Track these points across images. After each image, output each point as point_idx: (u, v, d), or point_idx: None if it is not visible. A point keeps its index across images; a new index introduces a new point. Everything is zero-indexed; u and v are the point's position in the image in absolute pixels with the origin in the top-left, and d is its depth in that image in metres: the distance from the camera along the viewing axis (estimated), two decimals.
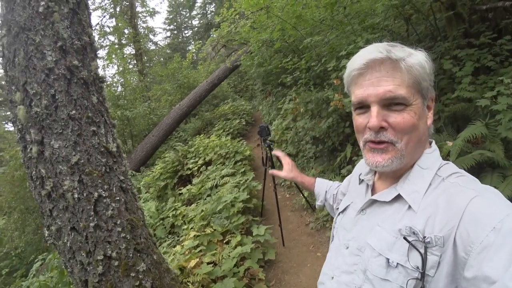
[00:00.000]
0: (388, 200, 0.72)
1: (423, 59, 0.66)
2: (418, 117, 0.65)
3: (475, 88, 2.43)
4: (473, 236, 0.55)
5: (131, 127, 9.61)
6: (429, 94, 0.69)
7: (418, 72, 0.65)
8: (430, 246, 0.60)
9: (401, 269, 0.63)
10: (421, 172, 0.69)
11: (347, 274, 0.76)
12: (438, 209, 0.62)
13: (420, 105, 0.66)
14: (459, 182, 0.64)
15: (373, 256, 0.69)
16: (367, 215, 0.76)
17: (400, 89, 0.64)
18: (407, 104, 0.64)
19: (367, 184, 0.83)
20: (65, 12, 1.81)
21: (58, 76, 1.73)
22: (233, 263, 2.78)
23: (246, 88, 13.79)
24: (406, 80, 0.64)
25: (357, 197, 0.84)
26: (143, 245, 2.04)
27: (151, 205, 5.20)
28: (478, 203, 0.58)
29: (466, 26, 3.00)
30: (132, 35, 14.84)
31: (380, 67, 0.65)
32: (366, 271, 0.69)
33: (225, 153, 6.00)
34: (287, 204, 4.66)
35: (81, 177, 1.76)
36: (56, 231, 1.85)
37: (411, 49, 0.69)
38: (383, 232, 0.69)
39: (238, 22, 5.80)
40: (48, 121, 1.71)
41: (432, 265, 0.60)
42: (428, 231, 0.61)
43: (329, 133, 3.98)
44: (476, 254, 0.54)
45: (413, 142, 0.67)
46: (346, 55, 3.44)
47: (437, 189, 0.66)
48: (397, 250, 0.65)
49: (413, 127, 0.65)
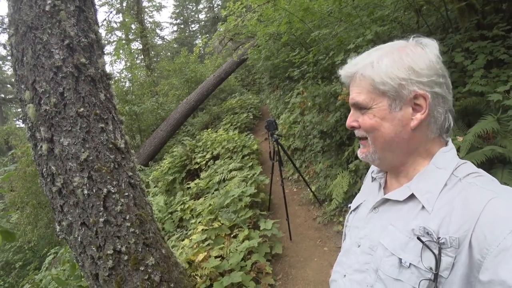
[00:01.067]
0: (402, 200, 0.71)
1: (386, 64, 0.68)
2: (378, 119, 0.70)
3: (487, 82, 2.37)
4: (490, 238, 0.54)
5: (139, 122, 9.69)
6: (405, 95, 0.67)
7: (376, 79, 0.68)
8: (445, 247, 0.60)
9: (414, 269, 0.63)
10: (436, 171, 0.68)
11: (359, 272, 0.76)
12: (453, 210, 0.61)
13: (384, 107, 0.69)
14: (476, 182, 0.63)
15: (385, 256, 0.68)
16: (379, 214, 0.76)
17: (359, 96, 0.71)
18: (367, 108, 0.71)
19: (379, 182, 0.83)
20: (72, 10, 1.83)
21: (66, 74, 1.75)
22: (240, 257, 2.80)
23: (253, 81, 13.73)
24: (367, 86, 0.70)
25: (369, 195, 0.85)
26: (152, 239, 2.07)
27: (160, 199, 5.27)
28: (496, 205, 0.57)
29: (479, 17, 2.91)
30: (139, 30, 14.88)
31: (349, 79, 0.76)
32: (378, 271, 0.69)
33: (233, 147, 6.01)
34: (294, 198, 4.66)
35: (91, 173, 1.79)
36: (67, 226, 1.89)
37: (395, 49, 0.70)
38: (396, 232, 0.68)
39: (245, 16, 5.75)
40: (57, 118, 1.74)
41: (446, 267, 0.59)
42: (443, 232, 0.61)
43: (336, 127, 3.95)
44: (493, 257, 0.53)
45: (378, 141, 0.71)
46: (355, 48, 3.38)
47: (453, 189, 0.65)
48: (410, 250, 0.64)
49: (372, 128, 0.70)
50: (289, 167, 5.38)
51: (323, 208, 3.96)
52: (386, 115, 0.69)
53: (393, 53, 0.69)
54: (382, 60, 0.69)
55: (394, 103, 0.68)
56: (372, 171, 0.88)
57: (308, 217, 4.05)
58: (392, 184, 0.79)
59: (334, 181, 3.77)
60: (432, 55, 0.67)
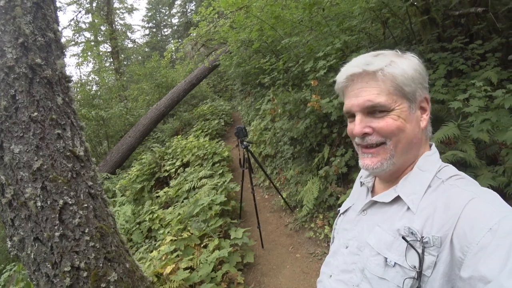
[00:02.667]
0: (388, 201, 0.74)
1: (406, 66, 0.69)
2: (403, 120, 0.68)
3: (447, 91, 2.49)
4: (470, 236, 0.56)
5: (106, 128, 9.28)
6: (418, 97, 0.71)
7: (400, 79, 0.68)
8: (428, 246, 0.61)
9: (398, 268, 0.65)
10: (420, 174, 0.71)
11: (345, 272, 0.78)
12: (436, 210, 0.64)
13: (406, 109, 0.69)
14: (458, 184, 0.66)
15: (371, 255, 0.70)
16: (368, 216, 0.79)
17: (379, 97, 0.68)
18: (388, 110, 0.68)
19: (367, 186, 0.85)
20: (28, 6, 1.70)
21: (18, 75, 1.61)
22: (210, 268, 2.71)
23: (225, 88, 13.68)
24: (386, 88, 0.68)
25: (358, 199, 0.87)
26: (114, 253, 1.94)
27: (127, 209, 5.04)
28: (475, 205, 0.59)
29: (440, 30, 3.09)
30: (109, 32, 14.36)
31: (359, 79, 0.71)
32: (364, 270, 0.71)
33: (203, 154, 5.90)
34: (266, 205, 4.64)
35: (45, 183, 1.64)
36: (18, 242, 1.73)
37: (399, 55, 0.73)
38: (382, 232, 0.71)
39: (217, 22, 5.72)
40: (8, 123, 1.59)
41: (429, 265, 0.61)
42: (426, 232, 0.63)
43: (306, 133, 3.99)
44: (473, 254, 0.55)
45: (402, 143, 0.70)
46: (324, 56, 3.45)
47: (436, 191, 0.67)
48: (395, 249, 0.67)
49: (398, 130, 0.68)
50: (260, 173, 5.36)
51: (295, 215, 3.96)
52: (407, 116, 0.69)
53: (402, 57, 0.72)
54: (400, 61, 0.70)
55: (412, 104, 0.70)
56: (361, 176, 0.91)
57: (279, 224, 4.04)
58: (380, 188, 0.81)
59: (305, 187, 3.79)
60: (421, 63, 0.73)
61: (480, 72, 2.54)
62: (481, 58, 2.68)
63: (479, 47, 2.69)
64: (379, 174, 0.75)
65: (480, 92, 2.12)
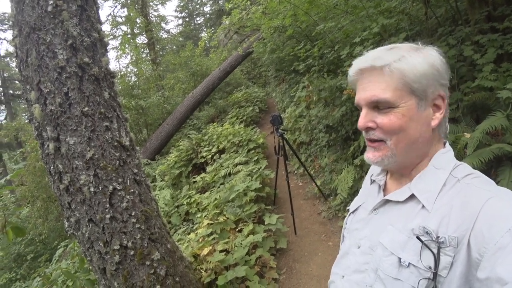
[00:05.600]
0: (402, 200, 0.72)
1: (419, 61, 0.66)
2: (407, 118, 0.66)
3: (497, 77, 2.30)
4: (488, 237, 0.55)
5: (145, 117, 9.73)
6: (430, 94, 0.67)
7: (408, 75, 0.65)
8: (444, 247, 0.60)
9: (413, 268, 0.64)
10: (435, 172, 0.69)
11: (358, 273, 0.76)
12: (452, 209, 0.62)
13: (413, 107, 0.67)
14: (474, 183, 0.64)
15: (384, 255, 0.69)
16: (379, 215, 0.77)
17: (385, 93, 0.66)
18: (393, 106, 0.66)
19: (378, 184, 0.83)
20: (74, 9, 1.84)
21: (70, 74, 1.77)
22: (245, 252, 2.84)
23: (259, 74, 13.65)
24: (393, 83, 0.66)
25: (368, 197, 0.85)
26: (157, 234, 2.11)
27: (166, 193, 5.34)
28: (493, 204, 0.58)
29: (490, 8, 2.83)
30: (144, 24, 14.85)
31: (367, 74, 0.70)
32: (378, 270, 0.70)
33: (238, 141, 6.03)
34: (299, 192, 4.67)
35: (96, 171, 1.82)
36: (75, 223, 1.94)
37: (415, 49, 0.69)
38: (396, 232, 0.69)
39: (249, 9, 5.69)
40: (63, 118, 1.77)
41: (445, 266, 0.60)
42: (442, 232, 0.62)
43: (342, 121, 3.92)
44: (490, 255, 0.54)
45: (403, 142, 0.68)
46: (361, 42, 3.33)
47: (452, 190, 0.66)
48: (409, 249, 0.65)
49: (400, 128, 0.67)
50: (295, 161, 5.38)
51: (328, 203, 3.96)
52: (414, 114, 0.67)
53: (417, 52, 0.68)
54: (412, 57, 0.67)
55: (421, 102, 0.67)
56: (372, 174, 0.88)
57: (313, 211, 4.07)
58: (392, 186, 0.79)
59: (340, 176, 3.76)
60: (442, 58, 0.69)
61: None
62: None
63: None
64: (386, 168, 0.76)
65: None
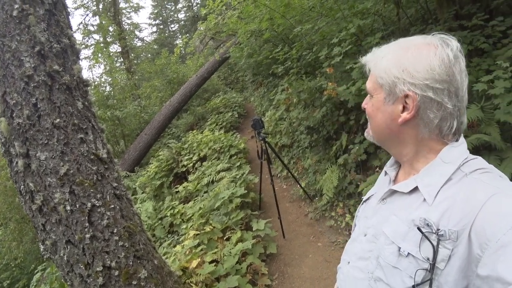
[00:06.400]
0: (407, 191, 0.73)
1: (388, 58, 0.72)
2: (375, 108, 0.76)
3: (469, 71, 2.38)
4: (490, 233, 0.54)
5: (122, 127, 9.43)
6: (398, 92, 0.70)
7: (375, 70, 0.75)
8: (443, 239, 0.60)
9: (412, 259, 0.65)
10: (442, 165, 0.69)
11: (362, 260, 0.79)
12: (455, 203, 0.62)
13: (381, 99, 0.74)
14: (482, 178, 0.63)
15: (386, 244, 0.71)
16: (387, 205, 0.79)
17: (368, 83, 0.79)
18: (371, 95, 0.78)
19: (390, 175, 0.86)
20: (41, 14, 1.72)
21: (38, 83, 1.64)
22: (235, 260, 2.75)
23: (236, 80, 13.61)
24: (372, 77, 0.77)
25: (380, 187, 0.88)
26: (143, 251, 1.99)
27: (148, 206, 5.15)
28: (497, 200, 0.57)
29: (457, 7, 2.94)
30: (117, 33, 14.48)
31: None
32: (379, 258, 0.72)
33: (219, 147, 5.93)
34: (284, 195, 4.64)
35: (72, 188, 1.69)
36: (51, 245, 1.79)
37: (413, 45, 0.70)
38: (398, 221, 0.71)
39: (225, 14, 5.65)
40: (32, 132, 1.63)
41: (443, 258, 0.60)
42: (443, 225, 0.62)
43: (323, 122, 3.93)
44: (492, 252, 0.53)
45: (373, 126, 0.79)
46: (338, 43, 3.36)
47: (458, 184, 0.65)
48: (410, 240, 0.66)
49: (369, 114, 0.79)
50: (278, 164, 5.35)
51: (314, 204, 3.95)
52: (380, 106, 0.75)
53: (398, 51, 0.72)
54: (387, 56, 0.73)
55: (388, 97, 0.73)
56: (386, 165, 0.91)
57: (299, 213, 4.04)
58: (402, 177, 0.81)
59: (324, 176, 3.76)
60: (437, 59, 0.65)
61: (503, 50, 2.40)
62: (503, 35, 2.54)
63: (500, 24, 2.54)
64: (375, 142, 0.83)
65: (507, 73, 2.01)
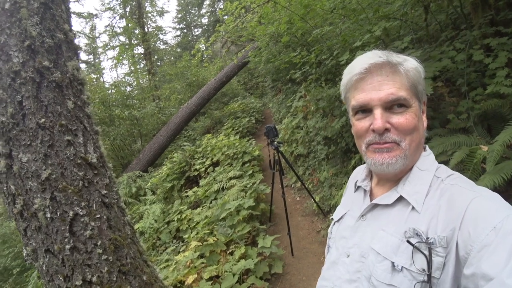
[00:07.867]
0: (390, 203, 0.71)
1: (418, 65, 0.69)
2: (418, 118, 0.68)
3: (511, 82, 2.08)
4: (474, 235, 0.55)
5: (140, 127, 9.51)
6: (423, 98, 0.71)
7: (415, 76, 0.68)
8: (434, 247, 0.60)
9: (406, 272, 0.62)
10: (420, 173, 0.70)
11: (349, 282, 0.74)
12: (440, 210, 0.63)
13: (418, 108, 0.69)
14: (458, 183, 0.65)
15: (377, 261, 0.67)
16: (368, 221, 0.75)
17: (401, 91, 0.66)
18: (408, 106, 0.67)
19: (364, 190, 0.82)
20: (35, 7, 1.61)
21: (25, 79, 1.52)
22: (235, 280, 2.54)
23: (256, 85, 13.49)
24: (405, 83, 0.67)
25: (353, 204, 0.83)
26: (130, 266, 1.82)
27: (156, 208, 5.05)
28: (478, 204, 0.58)
29: (493, 13, 2.64)
30: (141, 35, 14.78)
31: (380, 71, 0.67)
32: (371, 277, 0.68)
33: (233, 153, 5.76)
34: (297, 208, 4.38)
35: (54, 194, 1.55)
36: (32, 252, 1.66)
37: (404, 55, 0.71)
38: (388, 236, 0.68)
39: (244, 17, 5.52)
40: (15, 131, 1.51)
41: (438, 267, 0.59)
42: (432, 232, 0.61)
43: (342, 133, 3.67)
44: (476, 252, 0.54)
45: (415, 142, 0.69)
46: (362, 46, 3.12)
47: (438, 190, 0.66)
48: (402, 253, 0.64)
49: (414, 128, 0.67)
50: (291, 174, 5.11)
51: (328, 220, 3.67)
52: (419, 115, 0.70)
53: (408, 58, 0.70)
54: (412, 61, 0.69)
55: (420, 104, 0.71)
56: (356, 180, 0.85)
57: (311, 229, 3.78)
58: (379, 191, 0.78)
59: (340, 191, 3.49)
60: None
61: None
62: None
63: None
64: (389, 172, 0.70)
65: None
